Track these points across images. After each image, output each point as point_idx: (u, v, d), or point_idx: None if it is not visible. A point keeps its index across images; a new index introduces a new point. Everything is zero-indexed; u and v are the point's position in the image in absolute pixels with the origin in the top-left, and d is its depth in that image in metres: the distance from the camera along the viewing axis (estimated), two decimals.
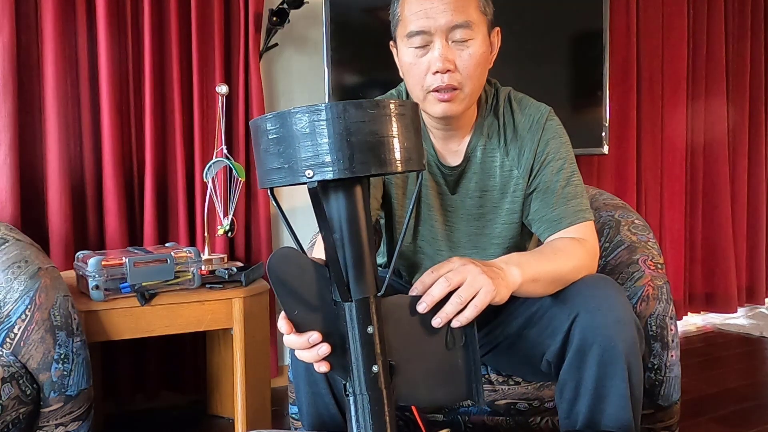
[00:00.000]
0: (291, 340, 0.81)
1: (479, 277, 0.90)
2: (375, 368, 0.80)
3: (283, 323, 0.81)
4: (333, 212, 0.80)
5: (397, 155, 0.75)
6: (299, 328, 0.81)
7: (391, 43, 1.23)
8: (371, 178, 0.88)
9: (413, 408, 1.16)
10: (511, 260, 1.02)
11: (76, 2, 1.94)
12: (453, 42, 1.11)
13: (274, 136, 0.74)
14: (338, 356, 0.81)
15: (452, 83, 1.12)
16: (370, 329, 0.80)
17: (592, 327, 1.04)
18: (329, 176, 0.72)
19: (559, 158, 1.20)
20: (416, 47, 1.12)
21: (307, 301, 0.81)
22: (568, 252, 1.11)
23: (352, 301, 0.80)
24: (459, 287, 0.89)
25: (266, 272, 0.80)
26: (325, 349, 0.80)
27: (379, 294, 0.82)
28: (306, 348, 0.81)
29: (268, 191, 0.81)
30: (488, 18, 1.16)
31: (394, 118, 0.75)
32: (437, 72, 1.11)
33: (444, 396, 0.91)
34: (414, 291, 0.89)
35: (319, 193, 0.78)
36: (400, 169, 0.75)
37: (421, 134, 0.81)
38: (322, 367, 0.82)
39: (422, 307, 0.87)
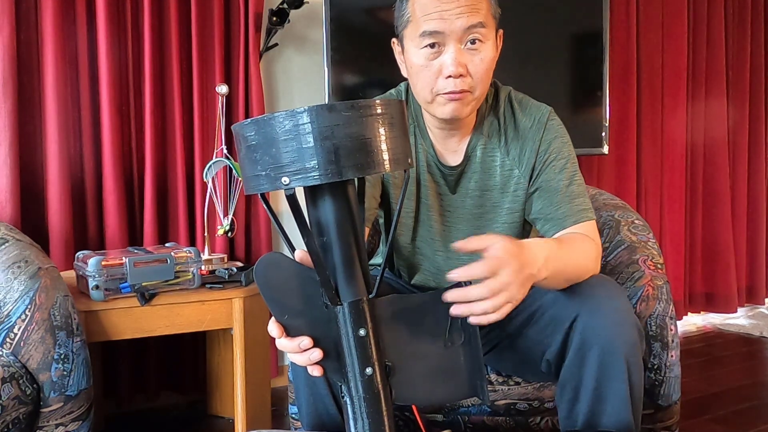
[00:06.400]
0: (283, 344, 0.81)
1: (516, 290, 0.90)
2: (369, 371, 0.79)
3: (273, 327, 0.81)
4: (320, 216, 0.79)
5: (381, 156, 0.74)
6: (290, 332, 0.81)
7: (394, 40, 1.21)
8: (370, 177, 0.87)
9: (413, 408, 1.16)
10: (550, 252, 0.99)
11: (76, 2, 1.94)
12: (465, 46, 1.10)
13: (253, 142, 0.73)
14: (332, 359, 0.81)
15: (464, 87, 1.11)
16: (362, 332, 0.79)
17: (592, 328, 1.04)
18: (309, 182, 0.71)
19: (562, 157, 1.20)
20: (428, 49, 1.11)
21: (297, 306, 0.80)
22: (584, 249, 1.11)
23: (342, 304, 0.79)
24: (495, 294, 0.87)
25: (254, 278, 0.79)
26: (316, 354, 0.80)
27: (371, 295, 0.81)
28: (297, 352, 0.81)
29: (259, 196, 0.80)
30: (497, 22, 1.16)
31: (373, 119, 0.74)
32: (450, 76, 1.10)
33: (445, 395, 0.91)
34: (455, 274, 0.87)
35: (307, 198, 0.78)
36: (384, 170, 0.74)
37: (407, 133, 0.80)
38: (315, 371, 0.81)
39: (452, 296, 0.87)
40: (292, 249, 0.84)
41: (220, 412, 2.09)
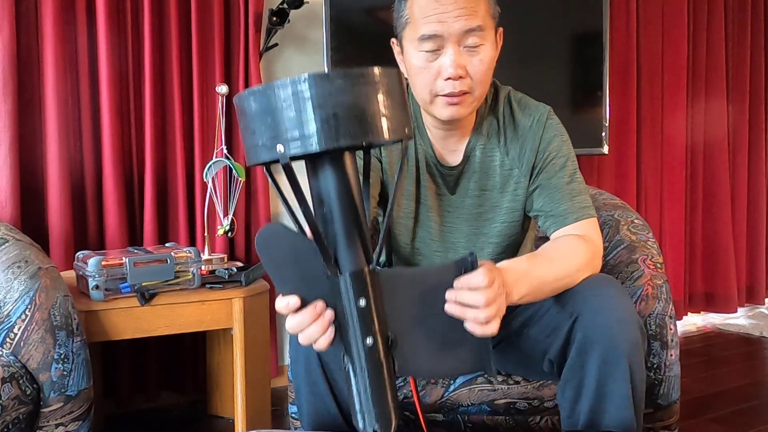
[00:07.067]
0: (295, 321, 0.78)
1: (503, 304, 0.91)
2: (370, 341, 0.79)
3: (280, 302, 0.79)
4: (321, 186, 0.78)
5: (378, 123, 0.73)
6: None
7: (393, 41, 1.22)
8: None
9: (417, 407, 1.16)
10: (520, 275, 1.00)
11: (76, 2, 1.94)
12: (464, 47, 1.10)
13: (251, 113, 0.73)
14: (335, 330, 0.80)
15: (463, 89, 1.11)
16: (362, 302, 0.79)
17: (594, 326, 1.04)
18: (306, 150, 0.70)
19: (562, 156, 1.20)
20: (427, 51, 1.11)
21: (298, 276, 0.80)
22: (573, 253, 1.11)
23: (343, 274, 0.79)
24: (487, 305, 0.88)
25: (255, 249, 0.79)
26: (330, 314, 0.78)
27: (372, 266, 0.80)
28: (314, 320, 0.78)
29: (264, 168, 0.80)
30: (496, 21, 1.16)
31: (371, 87, 0.73)
32: (449, 78, 1.10)
33: (450, 368, 0.90)
34: (458, 283, 0.88)
35: (308, 169, 0.78)
36: (383, 138, 0.74)
37: (406, 104, 0.79)
38: (329, 337, 0.79)
39: (449, 295, 0.87)
40: (297, 222, 0.84)
41: (220, 412, 2.09)
